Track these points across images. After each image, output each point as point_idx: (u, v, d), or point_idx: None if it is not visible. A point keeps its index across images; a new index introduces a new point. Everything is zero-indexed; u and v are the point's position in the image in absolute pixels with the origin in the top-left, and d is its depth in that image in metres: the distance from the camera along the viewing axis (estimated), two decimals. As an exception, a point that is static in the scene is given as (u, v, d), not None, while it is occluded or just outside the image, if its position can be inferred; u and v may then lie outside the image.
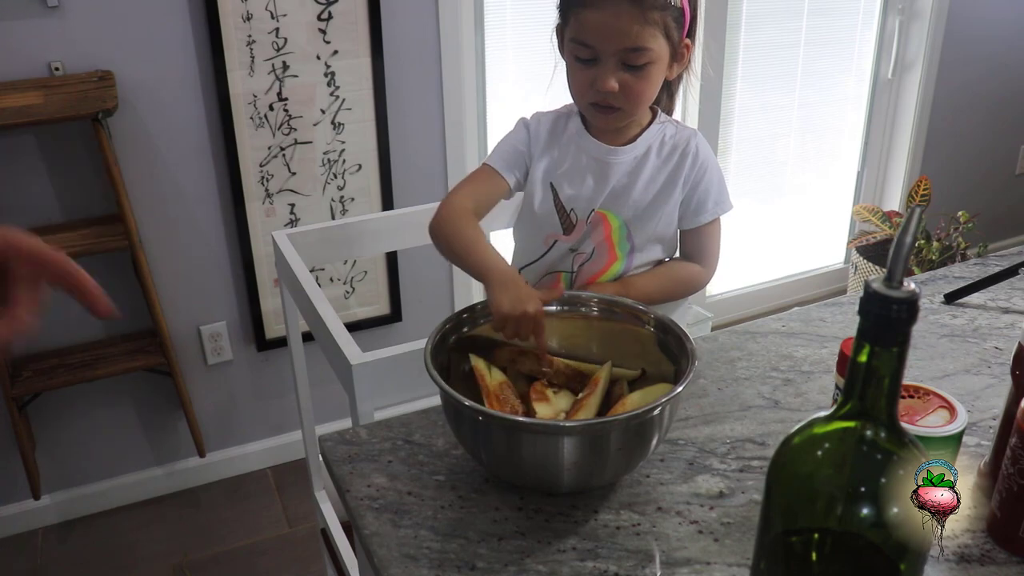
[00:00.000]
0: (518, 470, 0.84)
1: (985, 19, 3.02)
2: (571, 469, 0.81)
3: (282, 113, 2.05)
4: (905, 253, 0.54)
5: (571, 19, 1.11)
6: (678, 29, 1.11)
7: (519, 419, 0.82)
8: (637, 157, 1.21)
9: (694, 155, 1.21)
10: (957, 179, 3.22)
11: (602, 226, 1.23)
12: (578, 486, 0.86)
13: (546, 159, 1.23)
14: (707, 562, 0.79)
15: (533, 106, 1.29)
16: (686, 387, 0.82)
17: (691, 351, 0.88)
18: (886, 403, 0.56)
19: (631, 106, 1.13)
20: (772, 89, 2.85)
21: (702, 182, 1.22)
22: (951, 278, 1.34)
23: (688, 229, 1.25)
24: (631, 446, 0.83)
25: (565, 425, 0.82)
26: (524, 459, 0.82)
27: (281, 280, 1.53)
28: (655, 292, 1.23)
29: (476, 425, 0.83)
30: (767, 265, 3.11)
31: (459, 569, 0.79)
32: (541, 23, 1.17)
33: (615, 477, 0.88)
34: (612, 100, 1.12)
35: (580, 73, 1.12)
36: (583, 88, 1.13)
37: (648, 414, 0.80)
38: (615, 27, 1.06)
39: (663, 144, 1.21)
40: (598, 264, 1.24)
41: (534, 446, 0.81)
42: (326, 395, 2.15)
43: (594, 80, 1.11)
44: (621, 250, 1.23)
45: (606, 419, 0.83)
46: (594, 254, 1.24)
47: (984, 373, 1.09)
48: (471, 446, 0.87)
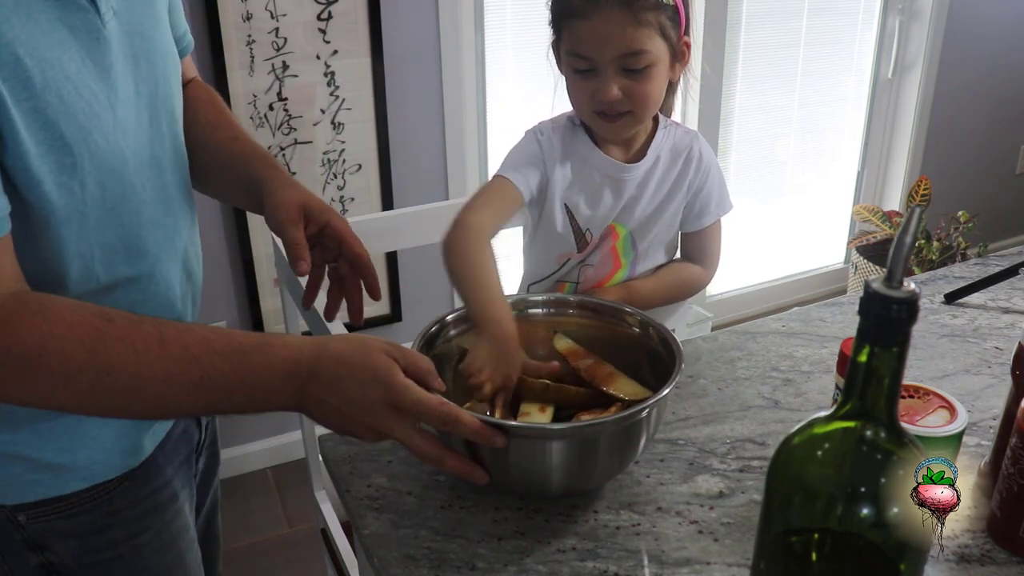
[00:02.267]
0: (506, 475, 0.82)
1: (985, 19, 3.02)
2: (559, 473, 0.81)
3: (282, 113, 2.04)
4: (905, 253, 0.54)
5: (564, 33, 1.09)
6: (675, 28, 1.08)
7: (507, 423, 0.80)
8: (647, 169, 1.18)
9: (698, 160, 1.20)
10: (957, 179, 3.22)
11: (610, 238, 1.21)
12: (567, 490, 0.85)
13: (559, 175, 1.18)
14: (707, 562, 0.79)
15: (533, 106, 1.29)
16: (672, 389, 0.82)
17: (678, 352, 0.88)
18: (886, 403, 0.56)
19: (639, 110, 1.10)
20: (772, 89, 2.85)
21: (705, 186, 1.21)
22: (951, 278, 1.34)
23: (691, 232, 1.25)
24: (620, 448, 0.82)
25: (553, 428, 0.81)
26: (511, 464, 0.80)
27: (281, 280, 1.53)
28: (657, 296, 1.23)
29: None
30: (767, 265, 3.11)
31: (459, 569, 0.79)
32: (541, 23, 1.16)
33: (603, 480, 0.87)
34: (617, 107, 1.08)
35: (580, 85, 1.10)
36: (585, 100, 1.10)
37: (635, 416, 0.80)
38: (609, 34, 1.03)
39: (670, 151, 1.20)
40: (601, 272, 1.23)
41: (520, 451, 0.79)
42: (326, 395, 2.14)
43: (595, 91, 1.08)
44: (625, 258, 1.23)
45: (594, 421, 0.83)
46: (599, 263, 1.23)
47: (984, 373, 1.09)
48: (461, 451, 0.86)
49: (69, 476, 0.84)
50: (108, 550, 0.88)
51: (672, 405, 1.03)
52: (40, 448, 0.82)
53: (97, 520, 0.86)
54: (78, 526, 0.85)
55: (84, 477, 0.85)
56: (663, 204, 1.20)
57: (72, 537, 0.86)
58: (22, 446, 0.82)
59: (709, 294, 2.98)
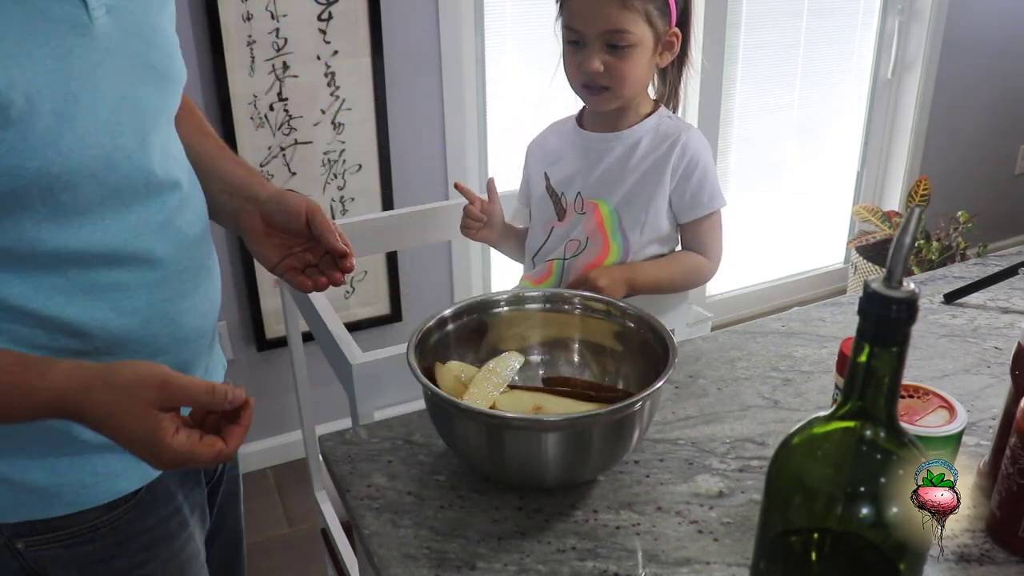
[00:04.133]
0: (500, 466, 0.85)
1: (985, 19, 3.02)
2: (555, 464, 0.82)
3: (282, 113, 2.05)
4: (905, 253, 0.54)
5: (563, 8, 1.21)
6: (662, 18, 1.18)
7: (505, 414, 0.82)
8: (629, 146, 1.25)
9: (683, 146, 1.23)
10: (957, 179, 3.22)
11: (593, 214, 1.26)
12: (562, 482, 0.87)
13: (541, 155, 1.34)
14: (707, 562, 0.80)
15: (533, 105, 1.33)
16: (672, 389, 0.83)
17: (671, 346, 0.89)
18: (886, 403, 0.56)
19: (618, 86, 1.20)
20: (772, 89, 2.85)
21: (694, 174, 1.23)
22: (951, 278, 1.34)
23: (687, 223, 1.27)
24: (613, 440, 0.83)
25: (547, 420, 0.82)
26: (507, 455, 0.82)
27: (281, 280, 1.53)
28: (662, 278, 1.25)
29: (455, 420, 0.84)
30: (767, 265, 3.11)
31: (459, 569, 0.79)
32: (541, 22, 1.20)
33: (597, 472, 0.89)
34: (600, 80, 1.19)
35: (570, 56, 1.22)
36: (573, 70, 1.22)
37: (628, 409, 0.81)
38: (597, 11, 1.15)
39: (656, 135, 1.25)
40: (592, 254, 1.27)
41: (517, 442, 0.81)
42: (326, 395, 2.14)
43: (581, 62, 1.19)
44: (615, 240, 1.26)
45: (587, 413, 0.83)
46: (588, 244, 1.27)
47: (984, 373, 1.09)
48: (450, 441, 0.88)
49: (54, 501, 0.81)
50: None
51: (672, 405, 1.03)
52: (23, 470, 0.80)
53: (99, 550, 0.84)
54: (78, 555, 0.83)
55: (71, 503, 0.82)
56: (645, 184, 1.24)
57: (73, 566, 0.83)
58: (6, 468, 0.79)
59: (709, 294, 2.98)
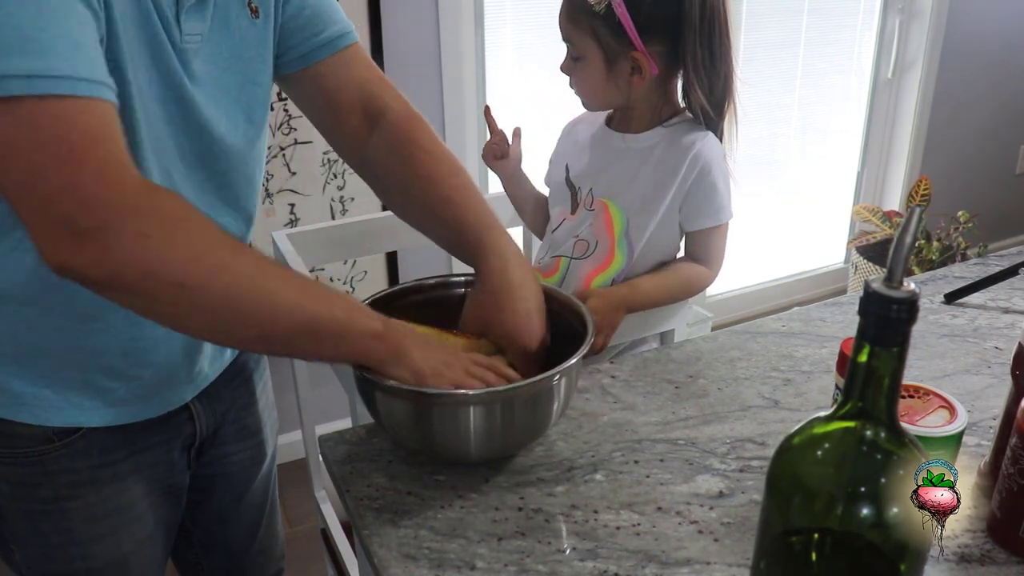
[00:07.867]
0: (429, 441, 0.88)
1: (985, 19, 3.02)
2: (477, 437, 0.86)
3: (282, 113, 2.04)
4: (905, 253, 0.54)
5: None
6: (614, 37, 1.17)
7: (427, 390, 0.83)
8: (644, 148, 1.25)
9: (695, 155, 1.21)
10: (957, 179, 3.22)
11: (603, 215, 1.25)
12: (486, 455, 0.90)
13: (571, 143, 1.38)
14: (707, 562, 0.80)
15: (533, 105, 1.33)
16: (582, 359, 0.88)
17: (588, 322, 0.93)
18: (886, 403, 0.56)
19: (578, 91, 1.26)
20: (772, 89, 2.85)
21: (704, 183, 1.22)
22: (951, 278, 1.34)
23: (693, 231, 1.26)
24: (532, 413, 0.87)
25: (469, 394, 0.84)
26: (435, 430, 0.86)
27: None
28: (661, 297, 1.25)
29: (376, 395, 0.86)
30: (767, 265, 3.11)
31: (459, 569, 0.79)
32: (541, 23, 1.20)
33: (519, 447, 0.93)
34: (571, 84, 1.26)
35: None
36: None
37: (546, 383, 0.85)
38: (561, 19, 1.22)
39: (672, 141, 1.24)
40: (597, 260, 1.27)
41: (441, 417, 0.85)
42: (326, 395, 2.14)
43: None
44: (620, 248, 1.25)
45: (507, 387, 0.85)
46: (597, 248, 1.26)
47: (984, 373, 1.09)
48: (376, 417, 0.90)
49: (21, 408, 0.90)
50: (37, 503, 0.95)
51: (672, 405, 1.03)
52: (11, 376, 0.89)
53: (28, 475, 0.93)
54: (11, 475, 0.93)
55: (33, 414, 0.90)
56: (657, 192, 1.23)
57: (4, 482, 0.94)
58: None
59: (709, 294, 2.98)
